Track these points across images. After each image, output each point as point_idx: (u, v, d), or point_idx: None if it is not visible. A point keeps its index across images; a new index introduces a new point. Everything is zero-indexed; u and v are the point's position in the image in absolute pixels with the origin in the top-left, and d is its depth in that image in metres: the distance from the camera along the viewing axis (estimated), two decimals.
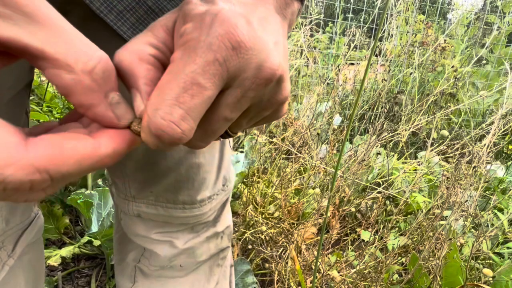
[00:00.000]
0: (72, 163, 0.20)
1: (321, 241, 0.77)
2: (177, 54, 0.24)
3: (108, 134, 0.23)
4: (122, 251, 0.67)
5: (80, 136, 0.21)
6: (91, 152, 0.21)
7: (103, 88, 0.22)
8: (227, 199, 0.65)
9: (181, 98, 0.23)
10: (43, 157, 0.19)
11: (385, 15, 1.60)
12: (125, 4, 0.37)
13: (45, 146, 0.19)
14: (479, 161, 1.07)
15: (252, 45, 0.24)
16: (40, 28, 0.20)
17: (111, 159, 0.23)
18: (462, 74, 2.38)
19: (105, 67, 0.22)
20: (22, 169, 0.18)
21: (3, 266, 0.45)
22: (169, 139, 0.23)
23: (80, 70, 0.21)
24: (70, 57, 0.20)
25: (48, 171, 0.19)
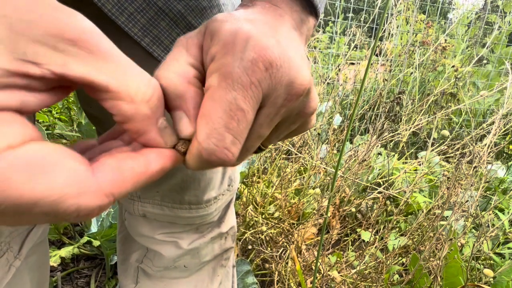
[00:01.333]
0: (131, 184, 0.21)
1: (321, 241, 0.76)
2: (213, 80, 0.25)
3: (155, 152, 0.24)
4: (125, 251, 0.67)
5: (132, 156, 0.22)
6: (144, 170, 0.22)
7: (156, 114, 0.23)
8: (232, 200, 0.65)
9: (230, 125, 0.24)
10: (108, 182, 0.20)
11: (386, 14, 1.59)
12: (135, 6, 0.38)
13: (108, 171, 0.20)
14: (479, 161, 1.06)
15: (282, 63, 0.25)
16: (104, 64, 0.20)
17: (159, 175, 0.24)
18: (463, 73, 2.38)
19: (159, 96, 0.23)
20: (94, 196, 0.19)
21: (9, 267, 0.45)
22: (220, 163, 0.24)
23: (140, 100, 0.22)
24: (131, 89, 0.21)
25: (113, 195, 0.20)
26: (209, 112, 0.24)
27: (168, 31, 0.41)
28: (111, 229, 1.10)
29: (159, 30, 0.40)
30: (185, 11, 0.40)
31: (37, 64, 0.18)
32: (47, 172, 0.18)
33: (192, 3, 0.40)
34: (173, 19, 0.40)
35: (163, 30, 0.40)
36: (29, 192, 0.17)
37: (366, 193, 1.49)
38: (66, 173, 0.18)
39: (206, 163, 0.25)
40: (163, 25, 0.40)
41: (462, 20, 2.80)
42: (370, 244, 1.09)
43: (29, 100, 0.19)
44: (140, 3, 0.38)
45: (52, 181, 0.18)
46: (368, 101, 2.23)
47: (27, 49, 0.18)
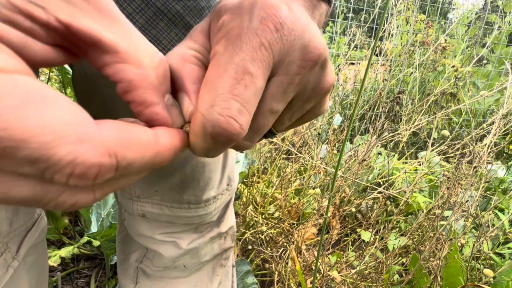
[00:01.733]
0: (136, 150, 0.18)
1: (321, 241, 0.76)
2: (219, 47, 0.23)
3: (163, 128, 0.22)
4: (125, 252, 0.67)
5: (140, 125, 0.20)
6: (153, 141, 0.20)
7: (163, 87, 0.22)
8: (231, 199, 0.65)
9: (235, 90, 0.21)
10: (113, 138, 0.17)
11: (386, 14, 1.59)
12: (134, 6, 0.38)
13: (114, 128, 0.18)
14: (479, 161, 1.06)
15: (294, 26, 0.23)
16: (112, 24, 0.20)
17: (169, 154, 0.21)
18: (463, 73, 2.38)
19: (165, 66, 0.22)
20: (95, 147, 0.16)
21: (7, 268, 0.45)
22: (227, 136, 0.21)
23: (148, 65, 0.21)
24: (141, 52, 0.20)
25: (116, 155, 0.17)
26: (213, 78, 0.22)
27: (167, 31, 0.41)
28: (111, 229, 1.10)
29: (158, 30, 0.40)
30: (183, 12, 0.40)
31: (44, 8, 0.17)
32: (42, 105, 0.15)
33: (190, 3, 0.40)
34: (172, 20, 0.40)
35: (162, 30, 0.40)
36: (17, 125, 0.14)
37: (366, 193, 1.49)
38: (65, 113, 0.15)
39: (211, 140, 0.22)
40: (162, 25, 0.40)
41: (462, 20, 2.80)
42: (370, 244, 1.09)
43: (31, 44, 0.18)
44: (138, 3, 0.38)
45: (48, 117, 0.15)
46: (368, 101, 2.23)
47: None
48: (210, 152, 0.23)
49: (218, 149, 0.23)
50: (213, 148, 0.23)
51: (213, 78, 0.22)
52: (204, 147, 0.22)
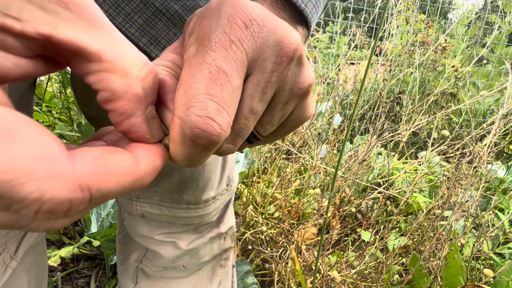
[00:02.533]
0: (114, 180, 0.17)
1: (321, 241, 0.76)
2: (191, 49, 0.23)
3: (143, 148, 0.21)
4: (124, 252, 0.67)
5: (118, 150, 0.19)
6: (133, 168, 0.19)
7: (148, 99, 0.21)
8: (230, 200, 0.65)
9: (211, 90, 0.21)
10: (86, 171, 0.16)
11: (386, 14, 1.59)
12: (132, 6, 0.38)
13: (89, 159, 0.16)
14: (479, 161, 1.06)
15: (265, 23, 0.23)
16: (97, 32, 0.19)
17: (150, 176, 0.20)
18: (463, 73, 2.38)
19: (154, 78, 0.21)
20: (64, 183, 0.15)
21: (6, 268, 0.45)
22: (207, 138, 0.21)
23: (134, 77, 0.20)
24: (127, 62, 0.19)
25: (90, 189, 0.16)
26: (187, 80, 0.21)
27: (166, 31, 0.41)
28: (111, 229, 1.10)
29: (156, 30, 0.40)
30: (182, 11, 0.40)
31: (19, 20, 0.16)
32: (9, 140, 0.14)
33: (189, 3, 0.40)
34: (170, 19, 0.40)
35: (160, 30, 0.40)
36: None
37: (366, 193, 1.49)
38: (34, 147, 0.14)
39: (191, 145, 0.21)
40: (160, 25, 0.40)
41: (462, 20, 2.80)
42: (370, 244, 1.09)
43: (4, 62, 0.16)
44: (137, 3, 0.38)
45: (14, 153, 0.14)
46: (368, 101, 2.23)
47: (12, 3, 0.16)
48: (192, 159, 0.22)
49: (199, 155, 0.22)
50: (194, 154, 0.22)
51: (186, 80, 0.21)
52: (185, 154, 0.22)
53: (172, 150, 0.22)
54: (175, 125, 0.21)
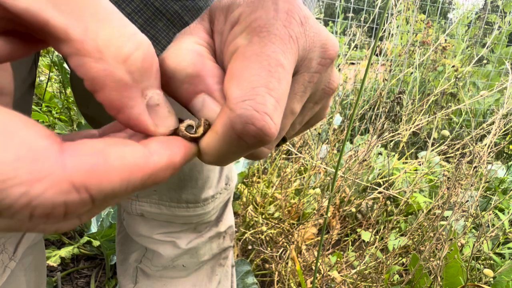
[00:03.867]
0: (118, 178, 0.15)
1: (321, 241, 0.76)
2: (241, 40, 0.20)
3: (160, 140, 0.18)
4: (124, 252, 0.67)
5: (126, 142, 0.16)
6: (142, 161, 0.16)
7: (139, 83, 0.17)
8: (229, 199, 0.65)
9: (270, 84, 0.18)
10: (81, 169, 0.14)
11: (386, 14, 1.59)
12: (133, 6, 0.38)
13: (85, 154, 0.14)
14: (480, 161, 1.06)
15: (313, 23, 0.22)
16: (67, 2, 0.15)
17: (165, 172, 0.17)
18: (463, 73, 2.37)
19: (145, 55, 0.17)
20: (55, 185, 0.13)
21: (4, 269, 0.45)
22: (259, 137, 0.18)
23: (112, 58, 0.16)
24: (101, 40, 0.15)
25: (88, 189, 0.14)
26: (241, 71, 0.19)
27: (166, 31, 0.41)
28: (111, 229, 1.10)
29: (157, 30, 0.40)
30: (182, 11, 0.40)
31: None
32: None
33: (188, 3, 0.40)
34: (170, 20, 0.40)
35: (161, 30, 0.40)
36: None
37: (366, 193, 1.49)
38: (18, 146, 0.13)
39: (235, 141, 0.18)
40: (161, 25, 0.40)
41: (462, 20, 2.80)
42: (370, 244, 1.09)
43: None
44: (137, 3, 0.38)
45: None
46: (368, 101, 2.23)
47: None
48: (225, 157, 0.20)
49: (236, 153, 0.20)
50: (232, 152, 0.19)
51: (241, 71, 0.19)
52: (222, 150, 0.19)
53: (208, 142, 0.19)
54: (224, 116, 0.18)
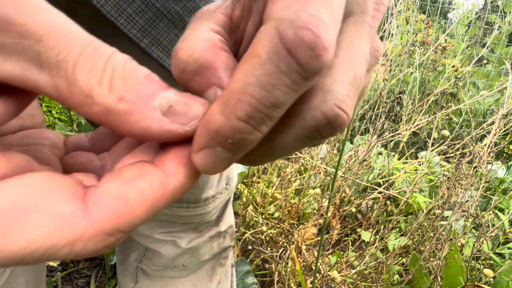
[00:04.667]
0: (143, 213, 0.15)
1: (321, 241, 0.76)
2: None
3: (174, 156, 0.16)
4: (124, 251, 0.67)
5: (143, 171, 0.16)
6: (161, 189, 0.15)
7: (136, 102, 0.15)
8: (230, 198, 0.66)
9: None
10: (109, 219, 0.14)
11: (386, 14, 1.59)
12: (134, 7, 0.38)
13: (107, 203, 0.15)
14: (480, 161, 1.06)
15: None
16: (46, 50, 0.14)
17: (187, 188, 0.17)
18: (463, 73, 2.37)
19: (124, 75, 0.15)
20: (91, 239, 0.14)
21: (4, 269, 0.45)
22: (319, 49, 0.13)
23: (104, 98, 0.15)
24: (83, 86, 0.14)
25: (120, 230, 0.15)
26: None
27: (167, 32, 0.41)
28: None
29: (158, 31, 0.40)
30: (182, 12, 0.41)
31: None
32: (21, 222, 0.13)
33: (189, 4, 0.41)
34: (171, 20, 0.40)
35: (162, 31, 0.40)
36: (6, 247, 0.13)
37: (366, 193, 1.49)
38: (46, 220, 0.14)
39: (286, 63, 0.13)
40: (162, 26, 0.40)
41: (462, 20, 2.80)
42: (370, 244, 1.09)
43: None
44: (138, 4, 0.38)
45: (29, 233, 0.13)
46: (368, 101, 2.23)
47: None
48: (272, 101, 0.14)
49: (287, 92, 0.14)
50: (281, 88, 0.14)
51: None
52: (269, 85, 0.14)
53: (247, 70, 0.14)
54: (267, 31, 0.14)
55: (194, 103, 0.16)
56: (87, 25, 0.47)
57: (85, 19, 0.42)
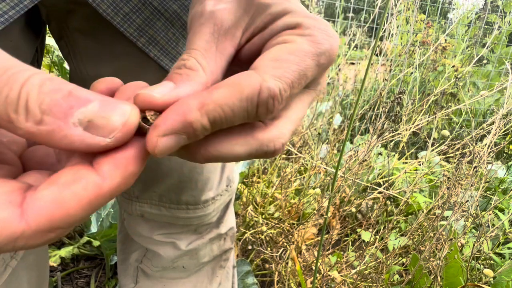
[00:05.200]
0: (79, 212, 0.17)
1: (321, 241, 0.76)
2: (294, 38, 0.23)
3: (110, 159, 0.18)
4: (125, 251, 0.67)
5: (78, 176, 0.17)
6: (95, 190, 0.17)
7: (59, 120, 0.16)
8: (231, 200, 0.65)
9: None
10: (45, 220, 0.16)
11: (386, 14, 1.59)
12: (131, 6, 0.37)
13: (43, 207, 0.16)
14: (480, 161, 1.06)
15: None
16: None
17: (124, 187, 0.18)
18: (463, 73, 2.37)
19: (43, 96, 0.16)
20: (30, 238, 0.16)
21: (5, 267, 0.45)
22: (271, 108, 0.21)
23: (22, 124, 0.16)
24: (3, 115, 0.16)
25: (58, 227, 0.17)
26: (282, 57, 0.22)
27: (164, 31, 0.40)
28: (111, 229, 1.10)
29: (155, 30, 0.40)
30: (180, 11, 0.40)
31: None
32: None
33: (187, 2, 0.40)
34: (169, 19, 0.40)
35: (159, 30, 0.40)
36: None
37: (366, 193, 1.49)
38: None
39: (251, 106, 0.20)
40: (159, 25, 0.40)
41: (462, 20, 2.80)
42: (370, 244, 1.09)
43: None
44: (135, 3, 0.37)
45: None
46: (368, 101, 2.23)
47: None
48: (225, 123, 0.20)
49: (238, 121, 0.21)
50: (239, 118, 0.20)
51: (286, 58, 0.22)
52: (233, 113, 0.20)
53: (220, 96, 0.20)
54: (250, 81, 0.20)
55: (113, 115, 0.17)
56: (85, 25, 0.47)
57: (83, 19, 0.42)
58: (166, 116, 0.19)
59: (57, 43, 0.46)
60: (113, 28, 0.38)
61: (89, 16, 0.40)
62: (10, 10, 0.29)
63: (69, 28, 0.43)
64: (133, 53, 0.42)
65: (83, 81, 0.46)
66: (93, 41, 0.43)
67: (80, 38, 0.43)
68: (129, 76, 0.48)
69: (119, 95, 0.21)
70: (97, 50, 0.44)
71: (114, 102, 0.18)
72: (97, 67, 0.44)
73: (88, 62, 0.45)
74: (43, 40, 0.46)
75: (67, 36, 0.44)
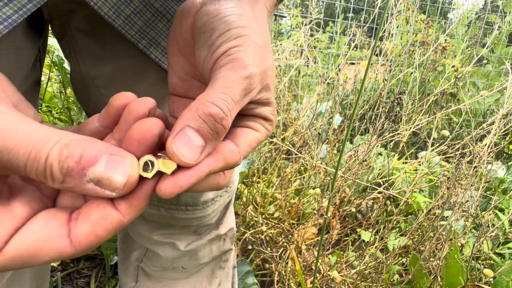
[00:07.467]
0: (105, 238, 0.23)
1: (321, 241, 0.76)
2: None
3: (126, 200, 0.23)
4: (125, 250, 0.67)
5: (105, 214, 0.22)
6: (118, 225, 0.23)
7: (76, 179, 0.21)
8: (230, 201, 0.65)
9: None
10: (87, 246, 0.22)
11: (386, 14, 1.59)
12: (132, 8, 0.37)
13: (84, 238, 0.22)
14: (480, 161, 1.06)
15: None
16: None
17: (133, 220, 0.24)
18: (463, 73, 2.37)
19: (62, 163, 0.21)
20: (74, 256, 0.23)
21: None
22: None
23: (53, 184, 0.21)
24: (37, 179, 0.21)
25: (92, 248, 0.23)
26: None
27: (166, 32, 0.40)
28: None
29: (156, 32, 0.40)
30: None
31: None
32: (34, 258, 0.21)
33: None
34: (171, 21, 0.40)
35: (160, 31, 0.40)
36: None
37: (366, 193, 1.49)
38: (51, 253, 0.21)
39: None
40: (160, 26, 0.40)
41: (462, 20, 2.80)
42: (370, 244, 1.09)
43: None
44: (136, 5, 0.37)
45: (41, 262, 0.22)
46: (368, 101, 2.22)
47: None
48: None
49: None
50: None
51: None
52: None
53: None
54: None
55: (115, 176, 0.21)
56: (87, 25, 0.47)
57: (85, 19, 0.42)
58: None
59: (59, 43, 0.46)
60: (114, 29, 0.38)
61: (91, 16, 0.40)
62: (14, 14, 0.29)
63: (71, 28, 0.43)
64: (134, 54, 0.42)
65: (83, 80, 0.46)
66: (95, 41, 0.43)
67: (81, 38, 0.43)
68: (129, 77, 0.48)
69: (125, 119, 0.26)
70: (98, 50, 0.44)
71: (117, 160, 0.22)
72: (98, 67, 0.45)
73: (89, 62, 0.45)
74: (45, 39, 0.46)
75: (68, 35, 0.44)
